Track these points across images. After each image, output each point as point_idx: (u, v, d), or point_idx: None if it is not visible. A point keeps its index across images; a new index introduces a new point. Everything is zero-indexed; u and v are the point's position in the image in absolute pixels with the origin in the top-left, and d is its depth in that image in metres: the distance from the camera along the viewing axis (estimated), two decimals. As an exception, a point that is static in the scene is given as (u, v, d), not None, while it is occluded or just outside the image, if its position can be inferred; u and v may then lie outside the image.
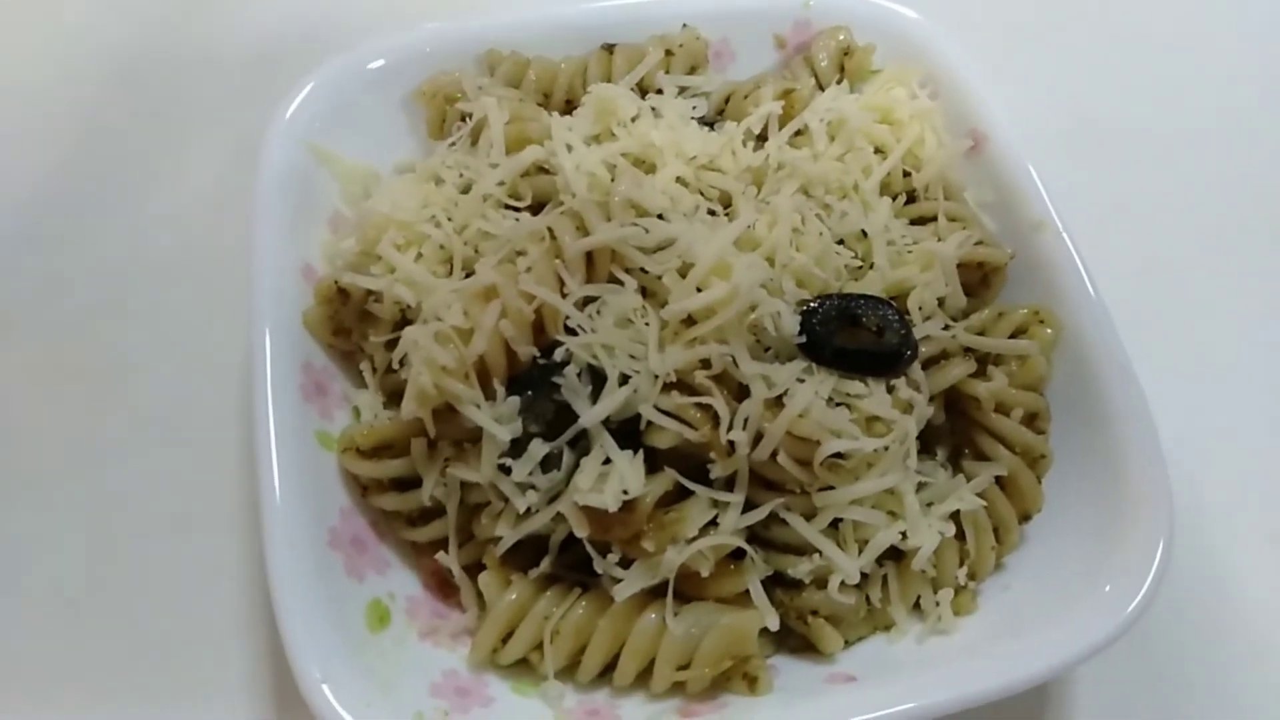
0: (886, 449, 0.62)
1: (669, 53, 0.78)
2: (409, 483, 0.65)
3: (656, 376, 0.61)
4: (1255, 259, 0.91)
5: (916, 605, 0.65)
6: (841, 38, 0.81)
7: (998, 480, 0.66)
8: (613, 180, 0.67)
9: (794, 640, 0.65)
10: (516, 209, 0.69)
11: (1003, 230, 0.75)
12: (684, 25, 0.80)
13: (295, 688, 0.56)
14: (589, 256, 0.64)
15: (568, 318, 0.62)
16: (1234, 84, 1.01)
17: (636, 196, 0.65)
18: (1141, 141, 0.96)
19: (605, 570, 0.61)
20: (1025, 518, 0.67)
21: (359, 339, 0.69)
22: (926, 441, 0.69)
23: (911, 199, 0.75)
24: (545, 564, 0.63)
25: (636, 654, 0.60)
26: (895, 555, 0.64)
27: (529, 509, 0.61)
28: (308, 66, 0.77)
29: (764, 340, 0.64)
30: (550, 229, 0.64)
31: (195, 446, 0.76)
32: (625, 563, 0.61)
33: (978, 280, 0.73)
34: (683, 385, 0.62)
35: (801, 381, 0.62)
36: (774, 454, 0.60)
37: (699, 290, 0.62)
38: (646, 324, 0.62)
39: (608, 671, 0.62)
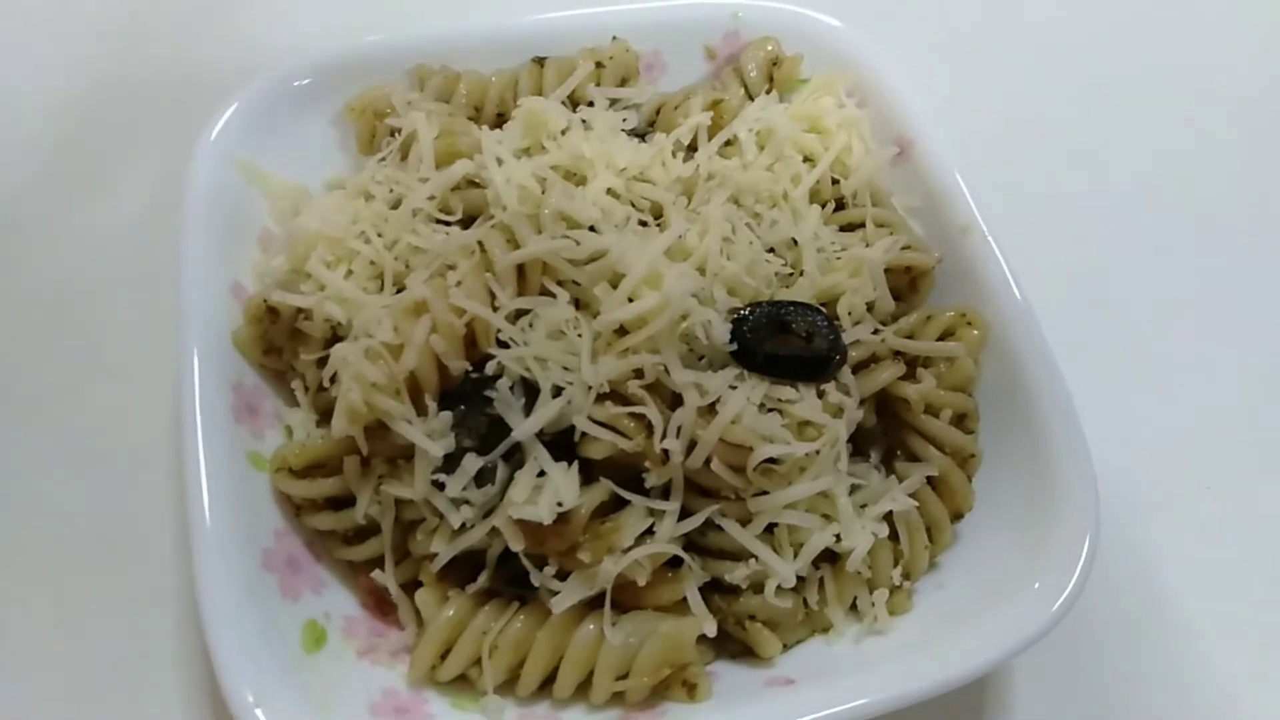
0: (818, 453, 0.63)
1: (600, 65, 0.79)
2: (343, 501, 0.65)
3: (590, 387, 0.61)
4: (1179, 257, 0.93)
5: (853, 607, 0.66)
6: (770, 48, 0.82)
7: (929, 480, 0.68)
8: (543, 193, 0.67)
9: (733, 646, 0.65)
10: (447, 223, 0.69)
11: (930, 235, 0.76)
12: (614, 38, 0.81)
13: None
14: (520, 270, 0.64)
15: (499, 331, 0.62)
16: (1158, 86, 1.04)
17: (567, 209, 0.66)
18: (1066, 145, 0.98)
19: (542, 583, 0.61)
20: (957, 516, 0.68)
21: (290, 358, 0.68)
22: (859, 445, 0.70)
23: (840, 206, 0.76)
24: (483, 579, 0.63)
25: (575, 665, 0.60)
26: (831, 558, 0.65)
27: (464, 524, 0.61)
28: (236, 84, 0.76)
29: (696, 349, 0.65)
30: (480, 243, 0.64)
31: (127, 468, 0.74)
32: (562, 575, 0.61)
33: (906, 284, 0.74)
34: (616, 396, 0.62)
35: (733, 389, 0.62)
36: (708, 461, 0.61)
37: (630, 300, 0.63)
38: (579, 335, 0.63)
39: (548, 684, 0.61)
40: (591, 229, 0.66)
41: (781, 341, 0.65)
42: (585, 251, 0.64)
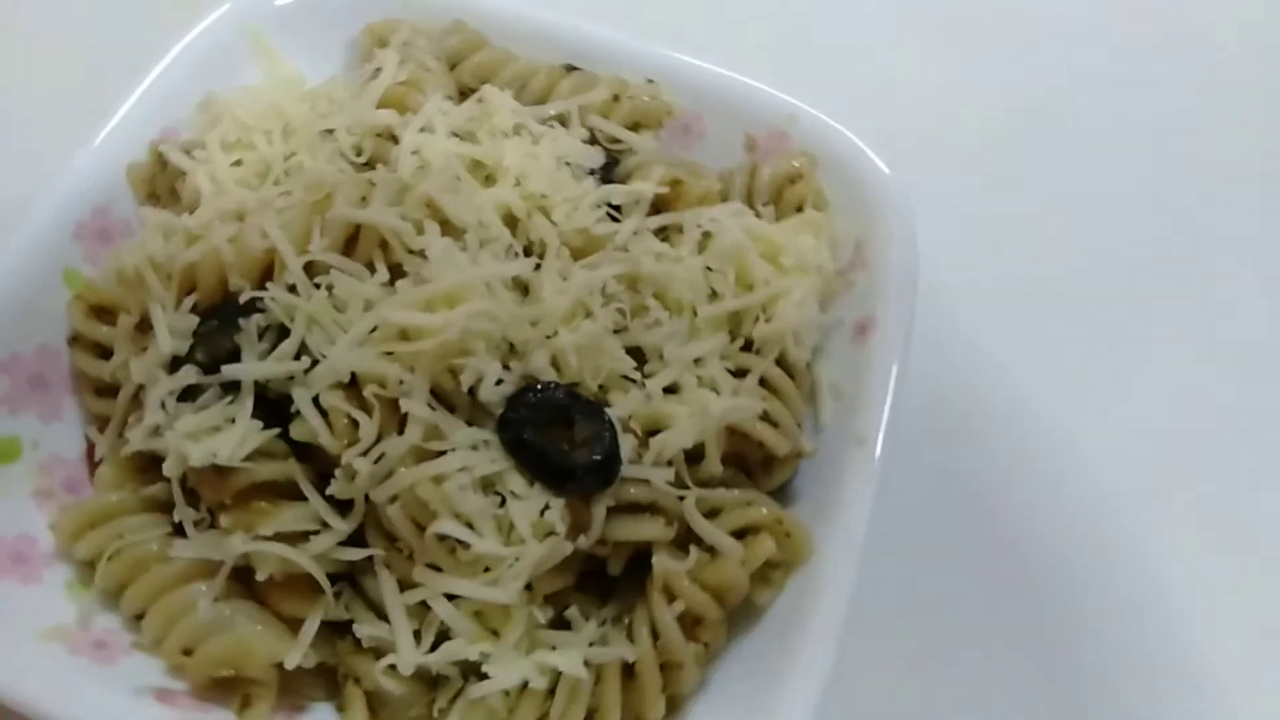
0: (518, 561, 0.55)
1: (616, 97, 0.74)
2: (110, 354, 0.65)
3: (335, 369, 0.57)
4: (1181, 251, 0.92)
5: (483, 746, 0.58)
6: (797, 164, 0.73)
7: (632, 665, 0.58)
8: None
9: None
10: (352, 162, 0.67)
11: (836, 424, 0.66)
12: (649, 80, 0.76)
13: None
14: (358, 231, 0.62)
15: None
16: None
17: (441, 201, 0.62)
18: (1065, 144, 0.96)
19: (181, 518, 0.58)
20: (637, 720, 0.58)
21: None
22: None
23: (750, 345, 0.67)
24: (158, 488, 0.61)
25: (162, 615, 0.57)
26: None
27: (159, 427, 0.59)
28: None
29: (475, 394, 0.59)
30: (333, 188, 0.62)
31: None
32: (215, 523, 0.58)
33: (759, 461, 0.64)
34: (357, 391, 0.58)
35: (459, 450, 0.56)
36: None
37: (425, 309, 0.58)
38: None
39: (150, 618, 0.59)
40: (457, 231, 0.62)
41: (552, 433, 0.58)
42: (421, 244, 0.60)
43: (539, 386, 0.59)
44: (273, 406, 0.58)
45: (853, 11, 1.05)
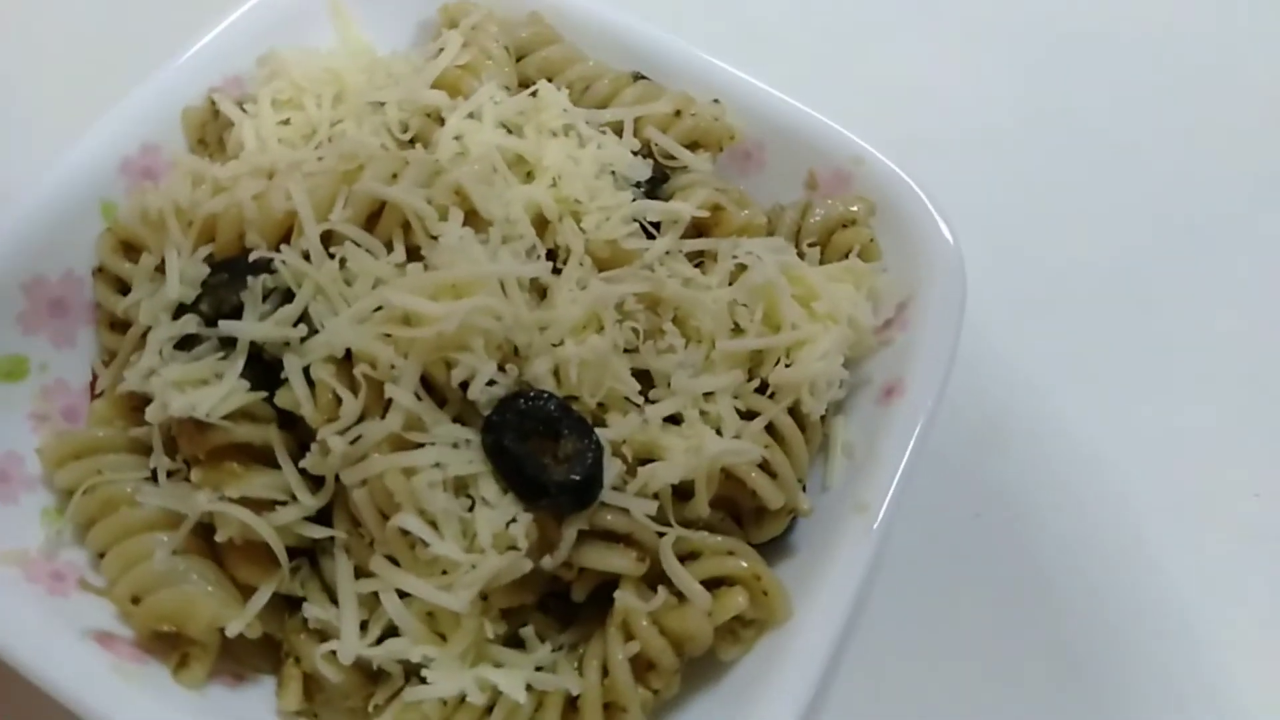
0: (474, 568, 0.53)
1: (679, 113, 0.71)
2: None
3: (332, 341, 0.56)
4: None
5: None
6: (854, 208, 0.70)
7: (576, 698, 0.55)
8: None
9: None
10: (396, 138, 0.66)
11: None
12: (715, 100, 0.73)
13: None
14: (384, 208, 0.60)
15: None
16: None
17: (471, 190, 0.60)
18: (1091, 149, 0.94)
19: (156, 464, 0.57)
20: (573, 756, 0.55)
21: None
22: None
23: (766, 387, 0.63)
24: (145, 431, 0.60)
25: (120, 558, 0.57)
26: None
27: (153, 371, 0.59)
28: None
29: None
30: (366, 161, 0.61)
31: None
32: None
33: (750, 509, 0.61)
34: (348, 366, 0.56)
35: (438, 445, 0.55)
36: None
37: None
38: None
39: (116, 558, 0.58)
40: (484, 223, 0.60)
41: (536, 444, 0.56)
42: (439, 230, 0.59)
43: (532, 394, 0.57)
44: (268, 369, 0.58)
45: (863, 14, 1.03)
